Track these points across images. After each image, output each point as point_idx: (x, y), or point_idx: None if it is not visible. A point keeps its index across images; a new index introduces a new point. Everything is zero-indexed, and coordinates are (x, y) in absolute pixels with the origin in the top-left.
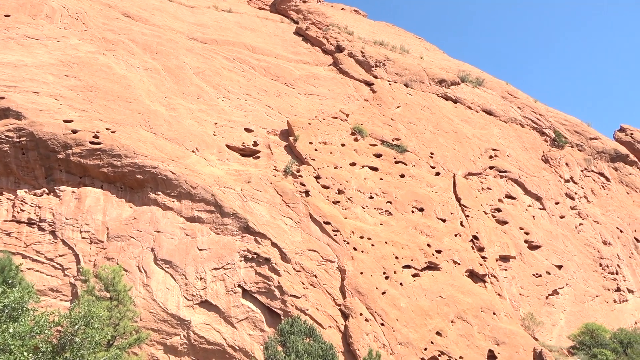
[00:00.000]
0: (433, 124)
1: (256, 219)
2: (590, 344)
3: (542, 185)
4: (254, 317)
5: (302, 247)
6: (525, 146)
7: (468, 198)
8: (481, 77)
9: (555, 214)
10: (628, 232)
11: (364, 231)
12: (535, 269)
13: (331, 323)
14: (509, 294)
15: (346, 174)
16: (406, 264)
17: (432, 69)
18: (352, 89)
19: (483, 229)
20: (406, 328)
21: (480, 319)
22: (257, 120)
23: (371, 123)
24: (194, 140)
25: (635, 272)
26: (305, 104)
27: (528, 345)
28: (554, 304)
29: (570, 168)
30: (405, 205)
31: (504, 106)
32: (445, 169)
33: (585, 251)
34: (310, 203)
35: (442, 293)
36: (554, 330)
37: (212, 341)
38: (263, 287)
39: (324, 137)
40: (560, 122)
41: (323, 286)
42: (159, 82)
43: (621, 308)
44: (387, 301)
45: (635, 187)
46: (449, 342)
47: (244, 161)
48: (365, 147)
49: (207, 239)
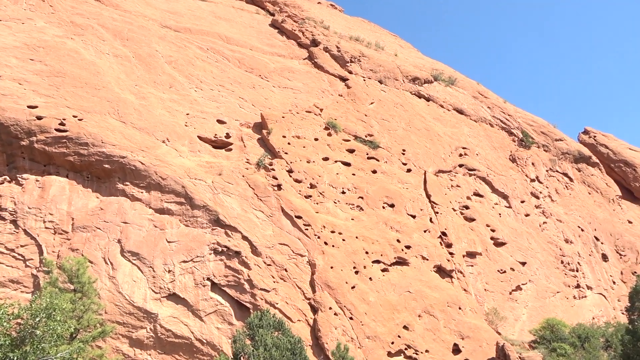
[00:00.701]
0: (406, 121)
1: (227, 212)
2: (550, 339)
3: (509, 184)
4: (222, 311)
5: (273, 240)
6: (494, 145)
7: (438, 195)
8: (453, 76)
9: (520, 212)
10: (589, 230)
11: (335, 226)
12: (500, 265)
13: (300, 317)
14: (474, 289)
15: (319, 169)
16: (376, 259)
17: (406, 67)
18: (326, 83)
19: (451, 226)
20: (374, 322)
21: (447, 314)
22: (230, 112)
23: (345, 118)
24: (164, 130)
25: (594, 269)
26: (279, 97)
27: (491, 339)
28: (517, 300)
29: (536, 168)
30: (376, 201)
31: (474, 106)
32: (417, 165)
33: (548, 249)
34: (282, 197)
35: (410, 288)
36: (516, 325)
37: (179, 335)
38: (233, 280)
39: (297, 131)
40: (527, 123)
41: (293, 280)
42: (130, 69)
43: (580, 304)
44: (356, 295)
45: (597, 188)
46: (416, 336)
47: (216, 153)
48: (338, 142)
49: (177, 231)
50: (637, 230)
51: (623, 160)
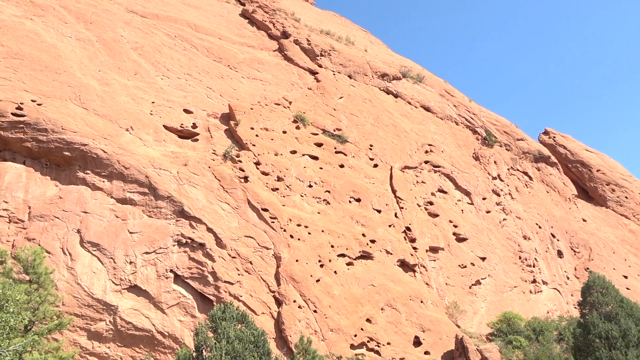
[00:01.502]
0: (374, 117)
1: (192, 203)
2: (507, 331)
3: (472, 181)
4: (185, 303)
5: (239, 233)
6: (458, 143)
7: (403, 190)
8: (422, 74)
9: (482, 208)
10: (546, 228)
11: (301, 219)
12: (461, 260)
13: (264, 310)
14: (436, 284)
15: (286, 162)
16: (341, 252)
17: (376, 63)
18: (296, 76)
19: (416, 221)
20: (338, 315)
21: (409, 307)
22: (197, 102)
23: (314, 112)
24: (128, 118)
25: (550, 265)
26: (248, 89)
27: (451, 332)
28: (476, 294)
29: (498, 166)
30: (343, 195)
31: (441, 103)
32: (383, 161)
33: (507, 245)
34: (249, 189)
35: (374, 281)
36: (475, 318)
37: (140, 327)
38: (196, 272)
39: (265, 123)
40: (491, 122)
41: (258, 273)
42: (93, 54)
43: (536, 298)
44: (320, 289)
45: (554, 187)
46: (378, 329)
47: (182, 143)
48: (306, 136)
49: (139, 221)
50: (591, 228)
51: (580, 160)
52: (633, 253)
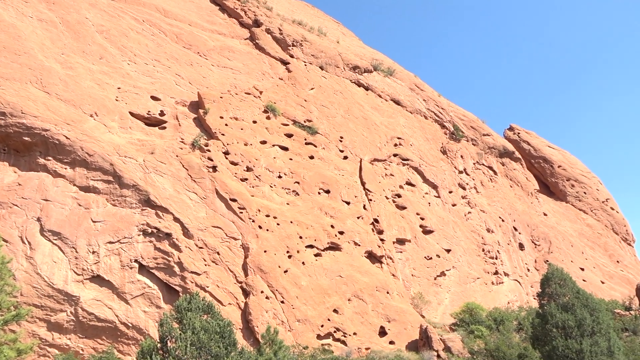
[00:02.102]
0: (344, 109)
1: (158, 192)
2: (469, 321)
3: (439, 174)
4: (150, 294)
5: (206, 223)
6: (427, 137)
7: (372, 183)
8: (392, 67)
9: (448, 202)
10: (508, 221)
11: (270, 210)
12: (427, 252)
13: (231, 300)
14: (402, 275)
15: (256, 152)
16: (309, 243)
17: (348, 55)
18: (267, 66)
19: (384, 213)
20: (305, 306)
21: (375, 298)
22: (165, 89)
23: (284, 102)
24: (93, 104)
25: (512, 257)
26: (218, 77)
27: (416, 322)
28: (441, 285)
29: (465, 160)
30: (312, 187)
31: (411, 97)
32: (353, 153)
33: (471, 237)
34: (217, 179)
35: (342, 272)
36: (439, 309)
37: (102, 318)
38: (162, 262)
39: (235, 112)
40: (459, 117)
41: (225, 263)
42: (56, 36)
43: (497, 289)
44: (288, 279)
45: (518, 182)
46: (345, 319)
47: (149, 131)
48: (276, 126)
49: (103, 210)
50: (551, 222)
51: (542, 157)
52: (590, 246)
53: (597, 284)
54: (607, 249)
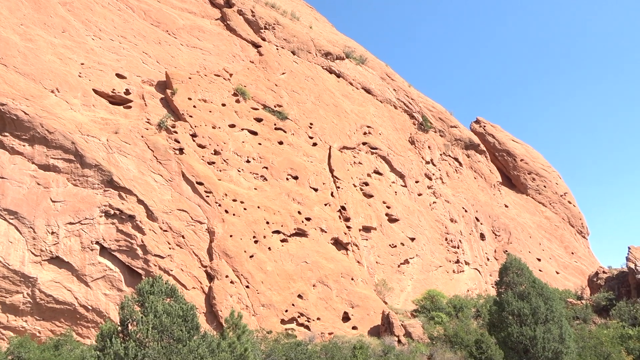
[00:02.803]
0: (315, 95)
1: (122, 173)
2: (430, 308)
3: (406, 164)
4: (111, 276)
5: (172, 206)
6: (396, 127)
7: (340, 170)
8: (364, 55)
9: (414, 191)
10: (471, 212)
11: (237, 194)
12: (392, 240)
13: (195, 284)
14: (367, 262)
15: (224, 135)
16: (276, 229)
17: (320, 41)
18: (238, 48)
19: (351, 201)
20: (270, 291)
21: (340, 284)
22: (131, 67)
23: (255, 86)
24: (54, 79)
25: (473, 247)
26: (187, 57)
27: (378, 308)
28: (404, 272)
29: (432, 151)
30: (280, 172)
31: (381, 87)
32: (323, 140)
33: (435, 226)
34: (184, 161)
35: (308, 259)
36: (401, 295)
37: (61, 300)
38: (124, 245)
39: (204, 94)
40: (428, 108)
41: (190, 247)
42: (14, 5)
43: (458, 277)
44: (254, 264)
45: (481, 174)
46: (309, 305)
47: (113, 109)
48: (246, 110)
49: (63, 190)
50: (512, 214)
51: (506, 150)
52: (547, 238)
53: (552, 274)
54: (563, 240)
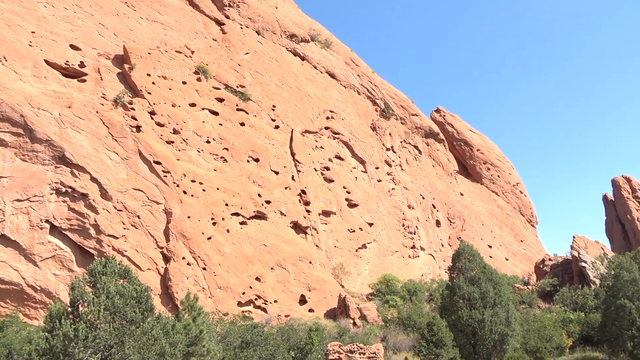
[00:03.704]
0: (279, 77)
1: (75, 150)
2: (385, 292)
3: (368, 150)
4: (62, 256)
5: (127, 185)
6: (358, 112)
7: (302, 154)
8: (330, 39)
9: (374, 177)
10: (428, 199)
11: (196, 175)
12: (350, 224)
13: (151, 266)
14: (325, 246)
15: (184, 114)
16: (235, 211)
17: (286, 22)
18: (201, 24)
19: (311, 185)
20: (227, 273)
21: (298, 267)
22: (86, 39)
23: (217, 65)
24: (1, 47)
25: (429, 233)
26: (146, 31)
27: (335, 291)
28: (361, 257)
29: (393, 138)
30: (241, 154)
31: (346, 72)
32: (285, 123)
33: (393, 212)
34: (141, 139)
35: (266, 241)
36: (358, 279)
37: (7, 280)
38: (76, 224)
39: (164, 71)
40: (390, 95)
41: (146, 228)
42: None
43: (413, 262)
44: (212, 246)
45: (440, 162)
46: (267, 287)
47: (66, 82)
48: (208, 89)
49: (11, 165)
50: (466, 202)
51: (464, 139)
52: (498, 226)
53: (502, 260)
54: (514, 229)
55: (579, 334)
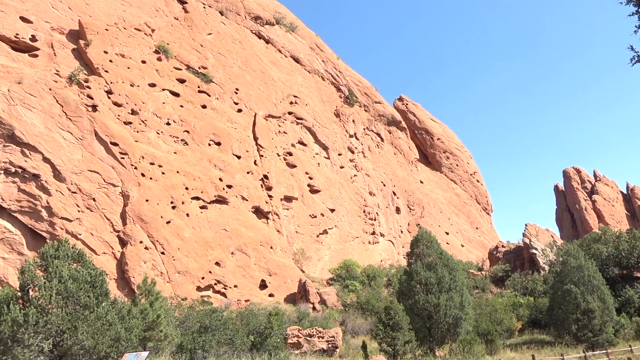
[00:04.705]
0: (242, 60)
1: (25, 128)
2: (345, 277)
3: (331, 136)
4: (11, 239)
5: (82, 166)
6: (322, 98)
7: (265, 139)
8: (295, 23)
9: (336, 163)
10: (389, 186)
11: (155, 158)
12: (312, 210)
13: (106, 250)
14: (286, 231)
15: (143, 95)
16: (196, 195)
17: (250, 3)
18: (162, 2)
19: (274, 170)
20: (187, 257)
21: (259, 252)
22: (39, 11)
23: (178, 45)
24: None
25: (389, 219)
26: (104, 6)
27: (296, 276)
28: (322, 242)
29: (356, 125)
30: (202, 137)
31: (310, 57)
32: (248, 107)
33: (355, 199)
34: (97, 119)
35: (227, 226)
36: (318, 264)
37: None
38: (27, 206)
39: (122, 48)
40: (354, 82)
41: (102, 211)
42: None
43: (373, 248)
44: (170, 231)
45: (401, 150)
46: (227, 272)
47: (16, 56)
48: (168, 70)
49: None
50: (426, 189)
51: (425, 128)
52: (455, 213)
53: (458, 246)
54: (470, 216)
55: (528, 318)
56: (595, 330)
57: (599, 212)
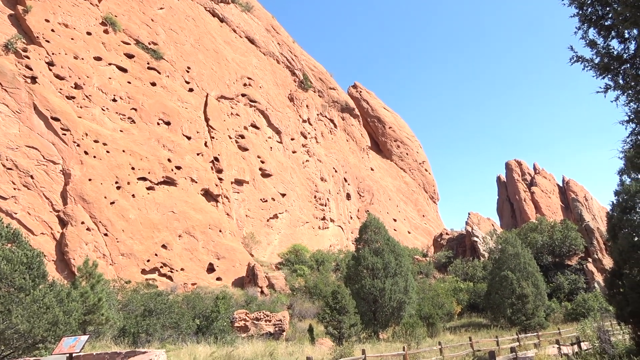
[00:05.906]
0: (195, 38)
1: None
2: (294, 261)
3: (284, 120)
4: None
5: (19, 141)
6: (277, 82)
7: (217, 120)
8: (251, 3)
9: (289, 148)
10: (341, 172)
11: (100, 135)
12: (263, 194)
13: (45, 230)
14: (236, 215)
15: (88, 68)
16: (142, 176)
17: None
18: None
19: (225, 152)
20: (132, 240)
21: (207, 235)
22: None
23: (127, 18)
24: None
25: (339, 205)
26: None
27: (245, 260)
28: (272, 226)
29: (309, 110)
30: (151, 116)
31: (266, 39)
32: (200, 87)
33: (306, 184)
34: (37, 92)
35: (175, 208)
36: (268, 249)
37: None
38: None
39: (65, 18)
40: (310, 67)
41: (40, 189)
42: None
43: (323, 234)
44: (115, 211)
45: (354, 137)
46: (174, 255)
47: None
48: (116, 43)
49: None
50: (376, 176)
51: (377, 117)
52: (404, 201)
53: (405, 233)
54: (417, 204)
55: (467, 302)
56: (528, 314)
57: (536, 203)
